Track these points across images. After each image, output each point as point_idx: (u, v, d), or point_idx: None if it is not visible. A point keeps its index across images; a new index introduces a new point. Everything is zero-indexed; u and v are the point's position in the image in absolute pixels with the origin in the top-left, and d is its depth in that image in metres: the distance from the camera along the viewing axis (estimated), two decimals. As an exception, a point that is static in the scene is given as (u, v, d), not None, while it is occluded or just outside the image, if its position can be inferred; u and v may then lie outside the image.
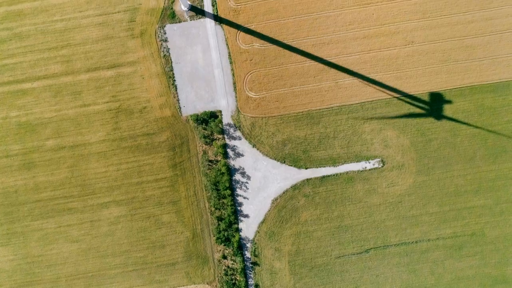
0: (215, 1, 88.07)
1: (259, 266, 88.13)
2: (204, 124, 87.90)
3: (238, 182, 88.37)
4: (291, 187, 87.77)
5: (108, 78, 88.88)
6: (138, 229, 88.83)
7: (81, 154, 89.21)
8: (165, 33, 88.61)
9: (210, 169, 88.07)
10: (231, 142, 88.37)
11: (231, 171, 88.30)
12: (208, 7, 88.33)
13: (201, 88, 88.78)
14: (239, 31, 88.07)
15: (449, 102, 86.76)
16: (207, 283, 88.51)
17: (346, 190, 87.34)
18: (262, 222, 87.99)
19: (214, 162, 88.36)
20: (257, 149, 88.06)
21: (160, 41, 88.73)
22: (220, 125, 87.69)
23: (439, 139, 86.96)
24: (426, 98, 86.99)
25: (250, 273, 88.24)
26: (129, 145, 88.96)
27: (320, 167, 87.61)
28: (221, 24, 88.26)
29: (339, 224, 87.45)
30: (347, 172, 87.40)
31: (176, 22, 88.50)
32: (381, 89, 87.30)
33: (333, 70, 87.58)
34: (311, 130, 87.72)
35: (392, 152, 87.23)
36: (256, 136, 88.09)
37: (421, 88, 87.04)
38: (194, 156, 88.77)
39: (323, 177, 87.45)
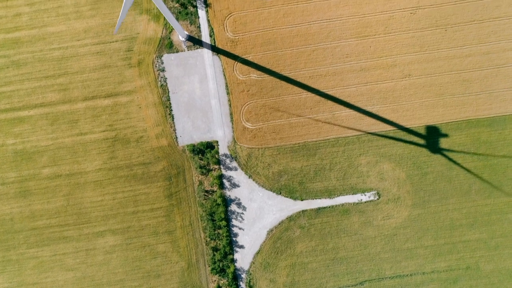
0: (212, 32, 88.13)
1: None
2: (200, 154, 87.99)
3: (233, 212, 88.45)
4: (287, 218, 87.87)
5: (105, 107, 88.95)
6: (134, 258, 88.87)
7: (77, 183, 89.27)
8: (162, 63, 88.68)
9: (206, 199, 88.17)
10: (227, 173, 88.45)
11: (227, 201, 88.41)
12: (205, 38, 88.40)
13: (198, 118, 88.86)
14: (236, 62, 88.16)
15: (445, 135, 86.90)
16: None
17: (341, 222, 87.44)
18: (258, 253, 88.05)
19: (210, 192, 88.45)
20: (253, 180, 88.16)
21: (157, 70, 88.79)
22: (216, 155, 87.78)
23: (435, 173, 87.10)
24: (422, 131, 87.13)
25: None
26: (125, 174, 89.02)
27: (316, 198, 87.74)
28: (219, 55, 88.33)
29: (334, 256, 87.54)
30: (342, 204, 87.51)
31: (174, 52, 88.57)
32: (377, 121, 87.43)
33: (330, 102, 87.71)
34: (307, 161, 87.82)
35: (388, 184, 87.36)
36: (252, 167, 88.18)
37: (417, 121, 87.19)
38: (190, 186, 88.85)
39: (319, 208, 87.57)
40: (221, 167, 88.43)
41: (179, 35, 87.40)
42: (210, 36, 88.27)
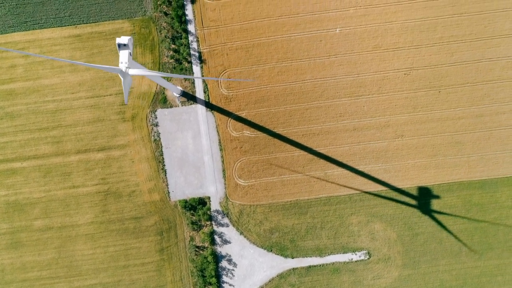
0: (207, 88, 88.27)
1: None
2: (192, 210, 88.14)
3: (224, 269, 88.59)
4: (277, 275, 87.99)
5: (98, 160, 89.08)
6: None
7: (68, 235, 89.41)
8: (156, 118, 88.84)
9: (197, 255, 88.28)
10: (219, 229, 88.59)
11: (218, 257, 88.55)
12: (199, 94, 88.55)
13: (191, 174, 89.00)
14: (230, 119, 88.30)
15: (437, 197, 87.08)
16: None
17: (331, 281, 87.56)
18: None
19: (201, 248, 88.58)
20: (245, 237, 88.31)
21: (151, 125, 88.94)
22: (208, 212, 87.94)
23: (426, 234, 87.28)
24: (414, 192, 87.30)
25: None
26: (117, 228, 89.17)
27: (307, 257, 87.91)
28: (212, 111, 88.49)
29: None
30: (333, 263, 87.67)
31: (168, 107, 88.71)
32: (369, 181, 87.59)
33: (322, 161, 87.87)
34: (298, 219, 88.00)
35: (378, 244, 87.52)
36: (243, 223, 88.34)
37: (409, 182, 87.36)
38: (182, 241, 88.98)
39: (309, 267, 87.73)
40: (213, 223, 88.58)
41: (173, 91, 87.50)
42: (204, 92, 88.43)
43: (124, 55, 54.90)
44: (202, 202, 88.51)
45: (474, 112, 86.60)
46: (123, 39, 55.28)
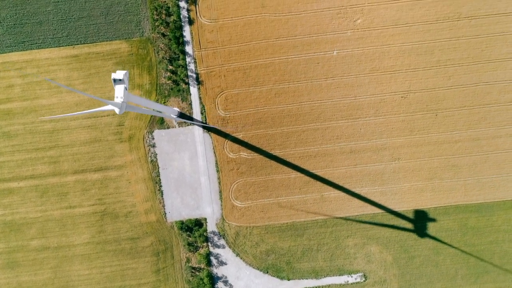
0: (204, 109, 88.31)
1: None
2: (188, 231, 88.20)
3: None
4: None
5: (95, 181, 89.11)
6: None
7: (65, 256, 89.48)
8: (153, 139, 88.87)
9: (193, 276, 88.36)
10: (215, 250, 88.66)
11: (214, 279, 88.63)
12: (197, 115, 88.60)
13: (187, 195, 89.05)
14: (227, 140, 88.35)
15: (433, 220, 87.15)
16: None
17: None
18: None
19: (198, 269, 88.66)
20: (241, 258, 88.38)
21: (148, 146, 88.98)
22: (204, 233, 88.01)
23: (422, 257, 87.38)
24: (410, 215, 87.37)
25: None
26: (113, 248, 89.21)
27: (303, 279, 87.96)
28: (209, 132, 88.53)
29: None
30: (329, 285, 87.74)
31: (165, 128, 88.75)
32: (366, 204, 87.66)
33: (318, 183, 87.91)
34: (295, 241, 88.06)
35: (374, 267, 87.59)
36: (240, 245, 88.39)
37: (405, 205, 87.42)
38: (178, 262, 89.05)
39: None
40: (209, 244, 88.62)
41: (170, 113, 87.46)
42: (202, 113, 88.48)
43: (119, 89, 54.96)
44: (199, 223, 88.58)
45: (471, 136, 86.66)
46: (119, 74, 55.33)
